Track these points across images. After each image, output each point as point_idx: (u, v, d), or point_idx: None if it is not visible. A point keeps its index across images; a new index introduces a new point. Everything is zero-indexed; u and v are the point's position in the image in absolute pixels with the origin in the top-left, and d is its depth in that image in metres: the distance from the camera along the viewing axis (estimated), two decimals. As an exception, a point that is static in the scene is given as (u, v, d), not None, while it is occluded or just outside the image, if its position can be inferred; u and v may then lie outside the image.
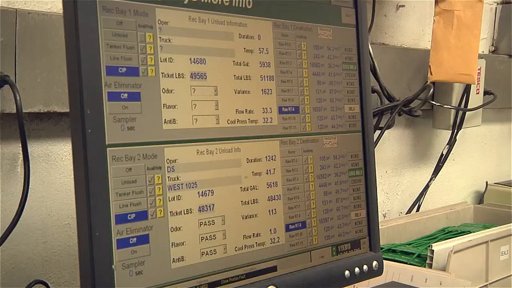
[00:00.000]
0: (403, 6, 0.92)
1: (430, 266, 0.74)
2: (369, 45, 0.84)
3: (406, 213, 0.98)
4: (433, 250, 0.73)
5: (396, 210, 0.98)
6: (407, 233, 0.88)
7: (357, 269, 0.52)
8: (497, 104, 1.01)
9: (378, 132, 0.88)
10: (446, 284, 0.68)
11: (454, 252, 0.72)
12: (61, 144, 0.62)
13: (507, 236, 0.82)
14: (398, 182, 0.99)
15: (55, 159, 0.62)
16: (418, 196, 0.99)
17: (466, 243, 0.76)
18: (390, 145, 0.96)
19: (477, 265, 0.77)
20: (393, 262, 0.75)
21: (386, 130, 0.90)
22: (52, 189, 0.61)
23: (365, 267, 0.53)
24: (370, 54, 0.83)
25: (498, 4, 1.07)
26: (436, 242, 0.77)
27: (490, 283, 0.78)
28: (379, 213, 0.92)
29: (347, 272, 0.52)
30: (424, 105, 0.90)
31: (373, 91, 0.85)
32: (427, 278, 0.69)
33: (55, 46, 0.56)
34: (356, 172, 0.55)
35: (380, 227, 0.83)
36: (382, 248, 0.81)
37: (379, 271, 0.55)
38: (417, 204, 1.00)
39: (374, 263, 0.55)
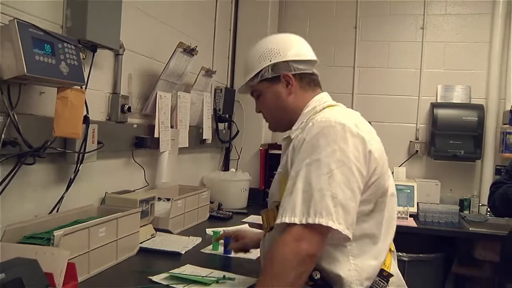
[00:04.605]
0: (44, 92, 1.49)
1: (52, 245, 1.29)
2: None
3: (49, 213, 1.52)
4: (54, 235, 1.31)
5: (45, 211, 1.52)
6: (50, 225, 1.41)
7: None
8: (104, 149, 1.72)
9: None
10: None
11: (64, 235, 1.29)
12: None
13: (103, 223, 1.48)
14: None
15: None
16: (57, 203, 1.54)
17: (70, 229, 1.32)
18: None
19: (82, 240, 1.38)
20: (28, 245, 1.26)
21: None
22: None
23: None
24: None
25: (110, 94, 1.85)
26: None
27: (89, 251, 1.40)
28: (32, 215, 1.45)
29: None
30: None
31: (17, 143, 1.36)
32: (54, 252, 1.21)
33: None
34: None
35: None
36: (25, 236, 1.32)
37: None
38: (57, 208, 1.54)
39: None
